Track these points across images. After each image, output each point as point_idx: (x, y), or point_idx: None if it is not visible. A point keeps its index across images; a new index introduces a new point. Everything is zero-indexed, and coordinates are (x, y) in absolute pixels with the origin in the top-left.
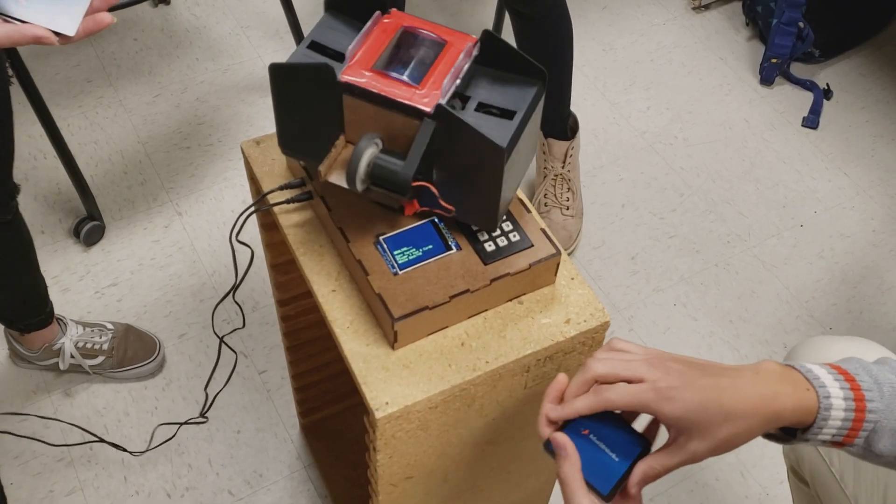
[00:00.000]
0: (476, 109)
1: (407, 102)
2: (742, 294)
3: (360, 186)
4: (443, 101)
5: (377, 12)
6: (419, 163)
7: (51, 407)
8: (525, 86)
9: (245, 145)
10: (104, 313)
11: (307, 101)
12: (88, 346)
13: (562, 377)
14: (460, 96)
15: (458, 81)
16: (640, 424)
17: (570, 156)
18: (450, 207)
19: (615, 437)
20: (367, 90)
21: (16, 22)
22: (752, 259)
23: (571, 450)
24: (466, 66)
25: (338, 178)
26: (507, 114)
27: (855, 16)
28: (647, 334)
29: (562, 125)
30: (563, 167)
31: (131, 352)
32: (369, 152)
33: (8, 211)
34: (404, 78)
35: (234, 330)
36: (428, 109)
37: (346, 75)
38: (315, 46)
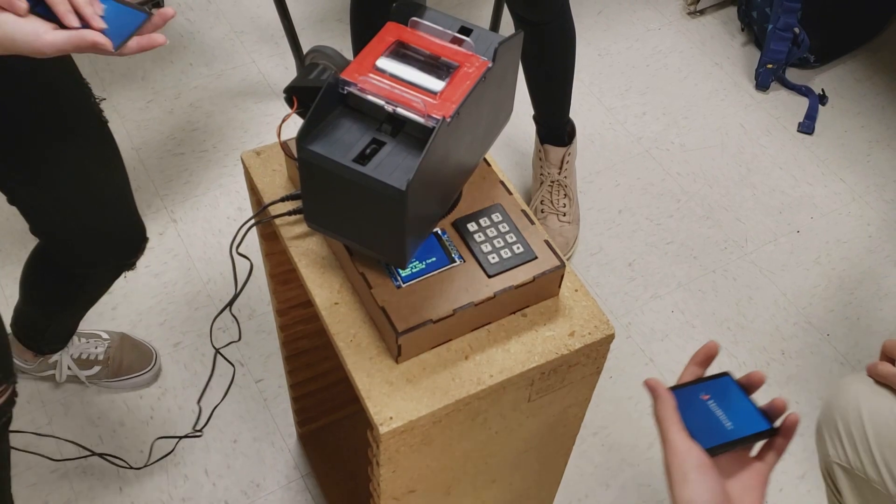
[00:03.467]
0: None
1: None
2: (740, 300)
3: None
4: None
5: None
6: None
7: (45, 417)
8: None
9: (245, 156)
10: (98, 322)
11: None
12: (84, 356)
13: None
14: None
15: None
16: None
17: (567, 162)
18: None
19: (737, 410)
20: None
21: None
22: (749, 265)
23: (662, 390)
24: None
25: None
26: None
27: (850, 21)
28: (645, 341)
29: (559, 132)
30: (559, 173)
31: (127, 361)
32: (318, 68)
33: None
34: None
35: (230, 343)
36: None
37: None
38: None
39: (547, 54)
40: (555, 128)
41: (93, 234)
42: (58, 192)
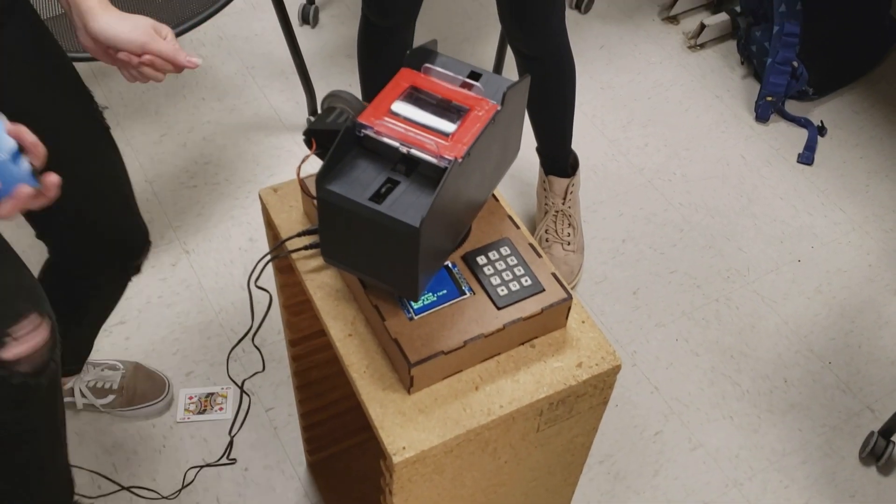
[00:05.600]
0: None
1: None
2: (742, 329)
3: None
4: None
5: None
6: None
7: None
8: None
9: (263, 193)
10: (112, 352)
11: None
12: (99, 385)
13: None
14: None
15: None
16: None
17: (571, 192)
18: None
19: None
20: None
21: None
22: (751, 294)
23: None
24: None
25: None
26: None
27: (847, 55)
28: (650, 369)
29: (563, 163)
30: (563, 203)
31: (140, 390)
32: (335, 111)
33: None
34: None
35: (255, 374)
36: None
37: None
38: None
39: (547, 88)
40: (557, 159)
41: (96, 236)
42: (62, 194)
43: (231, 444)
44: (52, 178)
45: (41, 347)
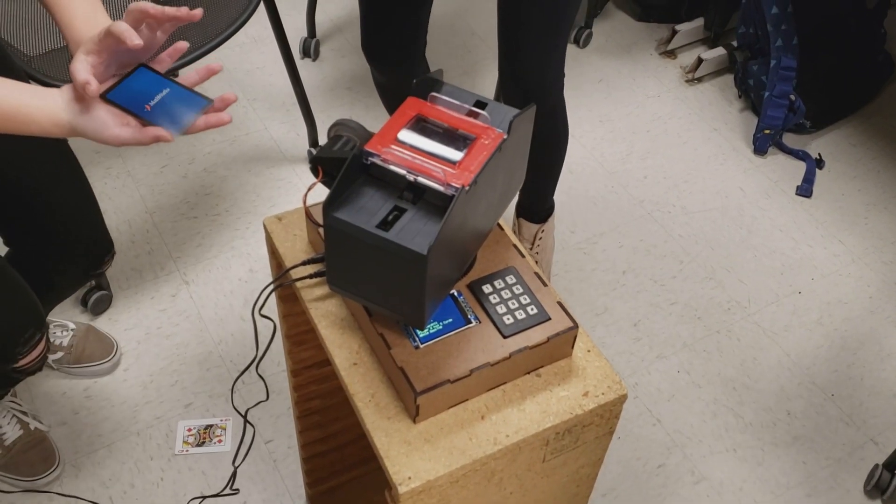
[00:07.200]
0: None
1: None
2: (744, 361)
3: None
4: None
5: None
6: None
7: (56, 481)
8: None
9: (268, 221)
10: (111, 382)
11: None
12: (51, 340)
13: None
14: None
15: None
16: None
17: (540, 238)
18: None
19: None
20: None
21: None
22: (752, 326)
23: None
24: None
25: None
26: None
27: (843, 89)
28: (652, 402)
29: (537, 213)
30: (531, 248)
31: (89, 351)
32: (342, 139)
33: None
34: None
35: (258, 403)
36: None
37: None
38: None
39: (533, 139)
40: (532, 210)
41: (62, 250)
42: (19, 205)
43: (234, 474)
44: (229, 96)
45: (41, 354)
